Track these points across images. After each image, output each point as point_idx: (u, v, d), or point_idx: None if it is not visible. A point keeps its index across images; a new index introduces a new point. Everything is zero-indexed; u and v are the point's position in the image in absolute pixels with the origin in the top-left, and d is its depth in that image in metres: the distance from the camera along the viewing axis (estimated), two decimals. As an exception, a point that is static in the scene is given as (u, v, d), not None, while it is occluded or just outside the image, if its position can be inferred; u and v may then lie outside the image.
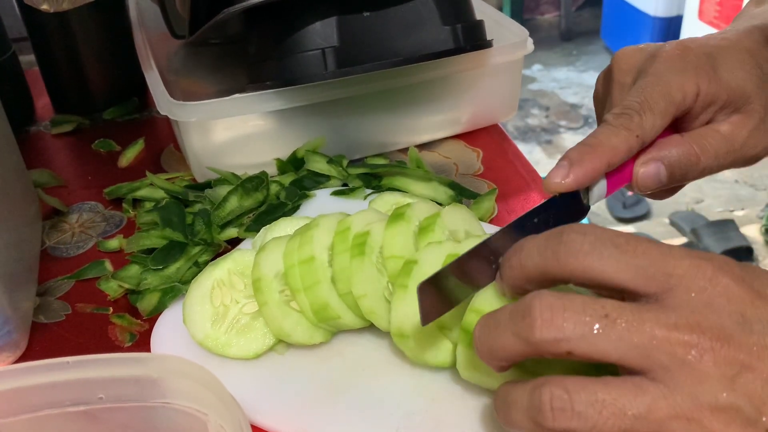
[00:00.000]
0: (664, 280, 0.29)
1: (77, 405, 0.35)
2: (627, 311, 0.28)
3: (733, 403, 0.27)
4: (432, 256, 0.39)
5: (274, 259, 0.43)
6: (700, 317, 0.27)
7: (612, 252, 0.29)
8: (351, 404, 0.40)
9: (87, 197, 0.61)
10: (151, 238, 0.51)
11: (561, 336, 0.28)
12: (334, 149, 0.60)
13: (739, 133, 0.41)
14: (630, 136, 0.39)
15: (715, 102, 0.41)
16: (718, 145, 0.41)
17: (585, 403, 0.28)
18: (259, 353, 0.42)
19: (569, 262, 0.30)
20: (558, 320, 0.28)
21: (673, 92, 0.40)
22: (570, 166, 0.38)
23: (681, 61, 0.40)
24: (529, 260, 0.31)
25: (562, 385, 0.28)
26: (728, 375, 0.27)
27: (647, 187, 0.41)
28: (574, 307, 0.28)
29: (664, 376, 0.27)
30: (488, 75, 0.64)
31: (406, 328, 0.38)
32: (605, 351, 0.28)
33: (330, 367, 0.42)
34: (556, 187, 0.38)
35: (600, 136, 0.39)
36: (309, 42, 0.52)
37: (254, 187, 0.54)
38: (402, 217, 0.42)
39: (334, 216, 0.44)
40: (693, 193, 2.17)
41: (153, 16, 0.72)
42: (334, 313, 0.41)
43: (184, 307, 0.43)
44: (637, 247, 0.29)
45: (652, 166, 0.40)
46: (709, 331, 0.27)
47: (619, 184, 0.41)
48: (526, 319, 0.29)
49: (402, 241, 0.41)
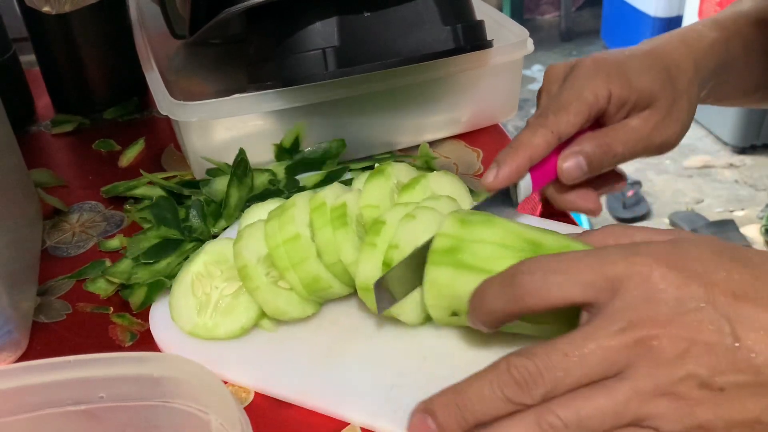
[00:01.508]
0: (608, 286, 0.32)
1: (78, 404, 0.35)
2: (578, 338, 0.32)
3: (687, 372, 0.30)
4: (397, 216, 0.43)
5: (253, 245, 0.44)
6: (641, 313, 0.31)
7: (559, 279, 0.33)
8: (347, 366, 0.42)
9: (87, 197, 0.61)
10: (150, 239, 0.51)
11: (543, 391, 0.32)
12: (334, 149, 0.61)
13: (645, 125, 0.47)
14: (546, 133, 0.45)
15: (627, 103, 0.47)
16: (627, 136, 0.47)
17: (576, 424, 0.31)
18: (246, 327, 0.44)
19: (528, 301, 0.34)
20: (538, 380, 0.32)
21: (585, 94, 0.46)
22: (498, 166, 0.45)
23: (594, 69, 0.47)
24: (493, 307, 0.35)
25: (553, 411, 0.31)
26: (677, 352, 0.31)
27: (572, 178, 0.47)
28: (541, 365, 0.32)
29: (629, 372, 0.31)
30: (488, 75, 0.64)
31: (372, 284, 0.41)
32: (577, 380, 0.31)
33: (324, 334, 0.44)
34: (490, 186, 0.46)
35: (521, 137, 0.46)
36: (309, 42, 0.52)
37: (242, 172, 0.55)
38: (382, 173, 0.47)
39: (307, 194, 0.46)
40: (693, 194, 2.17)
41: (153, 16, 0.72)
42: (326, 284, 0.44)
43: (170, 305, 0.45)
44: (577, 265, 0.33)
45: (572, 159, 0.46)
46: (650, 322, 0.31)
47: (544, 179, 0.48)
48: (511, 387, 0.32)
49: (378, 193, 0.46)
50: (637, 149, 0.48)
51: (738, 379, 0.30)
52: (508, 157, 0.45)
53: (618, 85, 0.46)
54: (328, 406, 0.40)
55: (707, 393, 0.31)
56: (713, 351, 0.31)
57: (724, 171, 2.27)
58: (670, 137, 0.49)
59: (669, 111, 0.48)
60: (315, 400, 0.40)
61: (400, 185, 0.47)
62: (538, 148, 0.45)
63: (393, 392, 0.40)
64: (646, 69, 0.48)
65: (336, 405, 0.40)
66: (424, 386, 0.40)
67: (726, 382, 0.30)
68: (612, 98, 0.47)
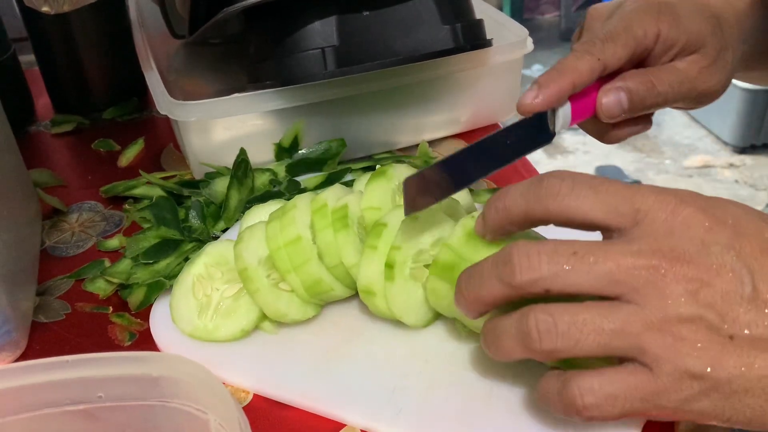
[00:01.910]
0: (632, 215, 0.32)
1: (77, 404, 0.35)
2: (594, 247, 0.31)
3: (697, 313, 0.30)
4: (398, 218, 0.42)
5: (254, 247, 0.44)
6: (661, 243, 0.31)
7: (587, 193, 0.32)
8: (348, 369, 0.42)
9: (87, 197, 0.61)
10: (149, 239, 0.51)
11: (538, 276, 0.32)
12: (333, 149, 0.60)
13: (692, 69, 0.46)
14: (592, 60, 0.43)
15: (675, 45, 0.45)
16: (672, 77, 0.45)
17: (568, 324, 0.31)
18: (247, 330, 0.44)
19: (549, 203, 0.33)
20: (534, 263, 0.32)
21: (634, 28, 0.44)
22: (539, 88, 0.43)
23: (645, 5, 0.45)
24: (513, 203, 0.34)
25: (547, 310, 0.32)
26: (690, 290, 0.30)
27: (612, 114, 0.45)
28: (547, 250, 0.32)
29: (635, 296, 0.31)
30: (488, 74, 0.64)
31: (375, 287, 0.41)
32: (577, 284, 0.31)
33: (325, 337, 0.44)
34: (528, 108, 0.43)
35: (566, 61, 0.44)
36: (309, 41, 0.52)
37: (243, 174, 0.55)
38: (384, 174, 0.46)
39: (308, 196, 0.46)
40: (693, 193, 2.17)
41: (153, 16, 0.72)
42: (327, 287, 0.44)
43: (171, 307, 0.45)
44: (609, 188, 0.32)
45: (613, 93, 0.44)
46: (669, 254, 0.31)
47: (584, 113, 0.45)
48: (508, 265, 0.32)
49: (380, 195, 0.45)
50: (681, 92, 0.46)
51: (752, 332, 0.30)
52: (551, 79, 0.43)
53: (667, 25, 0.45)
54: (329, 409, 0.40)
55: (716, 337, 0.30)
56: (728, 298, 0.30)
57: (724, 171, 2.27)
58: (714, 85, 0.47)
59: (716, 58, 0.46)
60: (316, 402, 0.40)
61: None
62: (583, 74, 0.43)
63: (395, 395, 0.40)
64: (696, 13, 0.46)
65: (337, 408, 0.40)
66: (425, 389, 0.40)
67: (737, 332, 0.30)
68: (660, 37, 0.45)
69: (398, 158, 0.61)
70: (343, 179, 0.58)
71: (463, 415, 0.39)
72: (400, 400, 0.40)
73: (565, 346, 0.31)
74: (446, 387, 0.40)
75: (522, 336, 0.32)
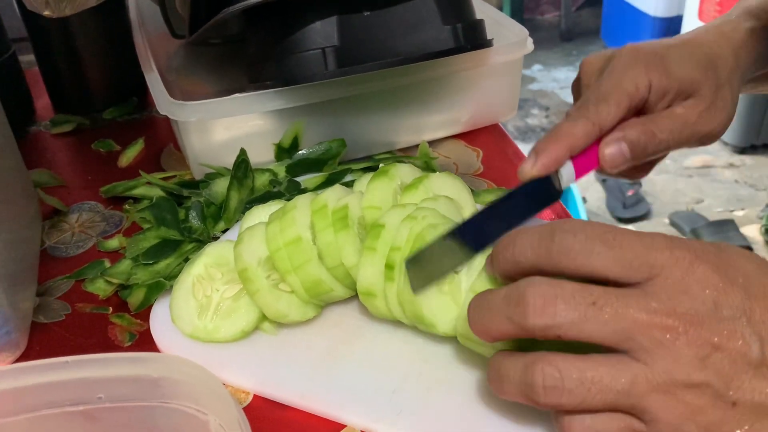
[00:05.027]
0: (647, 270, 0.31)
1: (76, 405, 0.35)
2: (613, 298, 0.31)
3: (705, 380, 0.30)
4: (396, 218, 0.42)
5: (254, 248, 0.44)
6: (676, 303, 0.30)
7: (600, 249, 0.32)
8: (348, 370, 0.42)
9: (87, 197, 0.61)
10: (149, 239, 0.51)
11: (552, 323, 0.31)
12: (334, 149, 0.60)
13: (691, 113, 0.46)
14: (587, 124, 0.44)
15: (668, 92, 0.46)
16: (672, 123, 0.46)
17: (575, 382, 0.31)
18: (246, 330, 0.44)
19: (561, 260, 0.32)
20: (550, 308, 0.31)
21: (624, 84, 0.45)
22: (536, 155, 0.43)
23: (633, 59, 0.46)
24: (523, 257, 0.34)
25: (554, 364, 0.31)
26: (700, 355, 0.30)
27: (615, 165, 0.45)
28: (565, 295, 0.31)
29: (644, 355, 0.30)
30: (488, 74, 0.64)
31: (375, 288, 0.41)
32: (592, 335, 0.31)
33: (325, 338, 0.44)
34: (528, 175, 0.43)
35: (562, 126, 0.44)
36: (309, 41, 0.52)
37: (243, 174, 0.55)
38: (386, 174, 0.46)
39: (308, 196, 0.46)
40: (693, 193, 2.17)
41: (153, 16, 0.72)
42: (327, 288, 0.43)
43: (171, 308, 0.45)
44: (623, 242, 0.32)
45: (614, 146, 0.45)
46: (683, 316, 0.30)
47: (587, 167, 0.46)
48: (520, 305, 0.32)
49: (381, 194, 0.45)
50: (682, 137, 0.46)
51: (755, 399, 0.30)
52: (548, 146, 0.44)
53: (657, 75, 0.45)
54: (329, 410, 0.40)
55: (719, 404, 0.30)
56: (736, 364, 0.30)
57: (724, 171, 2.27)
58: (715, 127, 0.47)
59: (713, 100, 0.46)
60: (316, 403, 0.40)
61: (404, 186, 0.47)
62: (579, 139, 0.44)
63: (395, 396, 0.40)
64: (686, 57, 0.47)
65: (337, 409, 0.40)
66: (425, 390, 0.40)
67: (740, 398, 0.30)
68: (652, 88, 0.45)
69: (398, 158, 0.61)
70: (344, 180, 0.57)
71: (463, 416, 0.38)
72: (400, 401, 0.40)
73: (570, 403, 0.31)
74: (446, 388, 0.40)
75: (526, 387, 0.32)
